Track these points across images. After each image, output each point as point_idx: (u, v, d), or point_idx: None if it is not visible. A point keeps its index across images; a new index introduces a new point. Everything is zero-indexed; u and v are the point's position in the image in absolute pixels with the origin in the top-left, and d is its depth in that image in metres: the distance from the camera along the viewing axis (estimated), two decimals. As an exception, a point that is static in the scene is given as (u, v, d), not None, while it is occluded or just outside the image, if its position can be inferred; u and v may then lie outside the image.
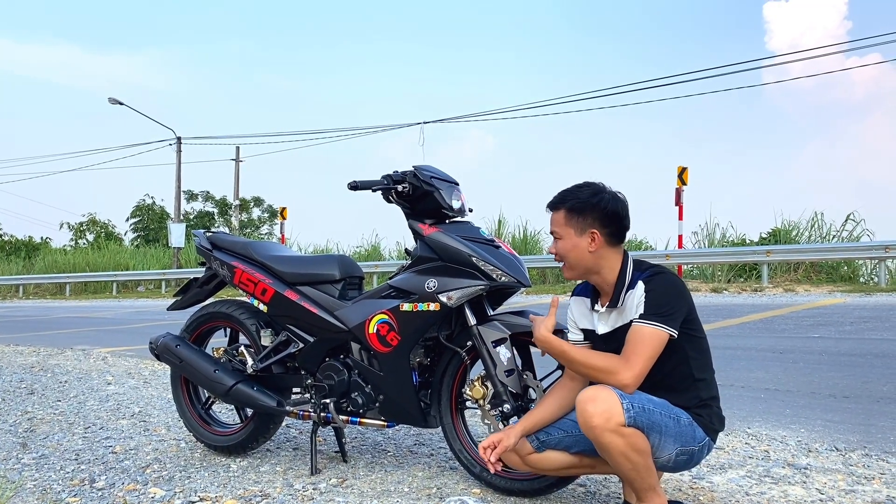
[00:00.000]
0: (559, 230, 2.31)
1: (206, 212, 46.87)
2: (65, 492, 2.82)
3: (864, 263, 14.54)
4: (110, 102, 26.48)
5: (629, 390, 2.13)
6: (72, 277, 25.70)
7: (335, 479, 2.86)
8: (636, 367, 2.13)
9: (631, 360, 2.14)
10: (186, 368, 3.22)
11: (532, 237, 19.42)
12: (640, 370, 2.13)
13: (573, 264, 2.32)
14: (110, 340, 9.20)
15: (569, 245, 2.30)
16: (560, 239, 2.31)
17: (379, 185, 2.76)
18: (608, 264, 2.29)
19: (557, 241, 2.32)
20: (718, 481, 2.81)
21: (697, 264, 15.68)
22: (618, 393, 2.10)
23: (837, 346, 6.20)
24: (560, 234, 2.31)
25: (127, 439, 3.65)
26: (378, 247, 22.43)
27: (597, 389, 2.12)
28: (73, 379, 5.71)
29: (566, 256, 2.31)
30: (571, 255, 2.30)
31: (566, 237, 2.30)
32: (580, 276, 2.34)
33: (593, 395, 2.10)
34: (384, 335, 2.74)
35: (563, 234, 2.30)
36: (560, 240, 2.31)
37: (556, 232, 2.32)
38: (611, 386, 2.13)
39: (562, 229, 2.31)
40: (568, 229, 2.29)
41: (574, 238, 2.29)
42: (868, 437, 3.47)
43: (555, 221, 2.33)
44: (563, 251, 2.31)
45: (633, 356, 2.14)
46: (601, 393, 2.10)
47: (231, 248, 3.27)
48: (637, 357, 2.13)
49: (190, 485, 2.86)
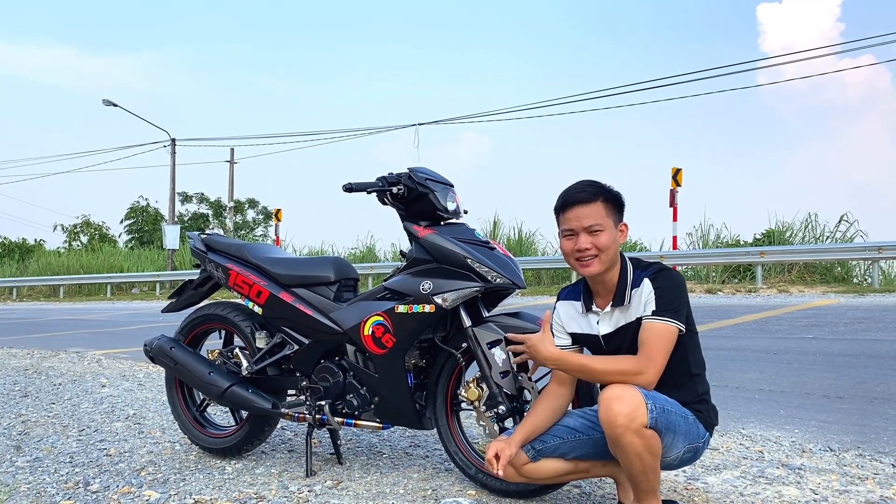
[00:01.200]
0: (601, 222, 2.22)
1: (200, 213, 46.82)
2: (59, 495, 2.81)
3: (858, 264, 14.61)
4: (104, 104, 26.45)
5: (651, 387, 2.13)
6: (66, 280, 25.63)
7: (330, 481, 2.86)
8: (657, 363, 2.13)
9: (651, 356, 2.13)
10: (181, 371, 3.22)
11: (527, 238, 19.45)
12: (661, 366, 2.14)
13: (610, 258, 2.24)
14: (105, 343, 9.17)
15: (611, 238, 2.23)
16: (602, 231, 2.22)
17: (374, 187, 2.76)
18: (618, 261, 2.29)
19: (597, 233, 2.22)
20: (713, 482, 2.82)
21: (692, 265, 15.71)
22: (643, 392, 2.08)
23: (831, 347, 6.22)
24: (602, 226, 2.22)
25: (121, 442, 3.64)
26: (373, 248, 22.44)
27: (622, 388, 2.08)
28: (67, 381, 5.69)
29: (607, 249, 2.22)
30: (612, 248, 2.24)
31: (608, 229, 2.23)
32: (606, 271, 2.26)
33: (619, 393, 2.07)
34: (379, 337, 2.74)
35: (606, 225, 2.22)
36: (602, 232, 2.22)
37: (598, 224, 2.22)
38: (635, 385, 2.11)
39: (604, 221, 2.23)
40: (609, 221, 2.23)
41: (613, 230, 2.24)
42: (862, 438, 3.48)
43: (592, 214, 2.23)
44: (606, 244, 2.22)
45: (653, 353, 2.13)
46: (627, 392, 2.07)
47: (226, 251, 3.26)
48: (657, 353, 2.13)
49: (185, 487, 2.85)
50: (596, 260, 2.24)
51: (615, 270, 2.28)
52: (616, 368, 2.16)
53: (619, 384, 2.11)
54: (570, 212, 2.26)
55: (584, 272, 2.27)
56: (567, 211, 2.27)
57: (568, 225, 2.27)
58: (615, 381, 2.15)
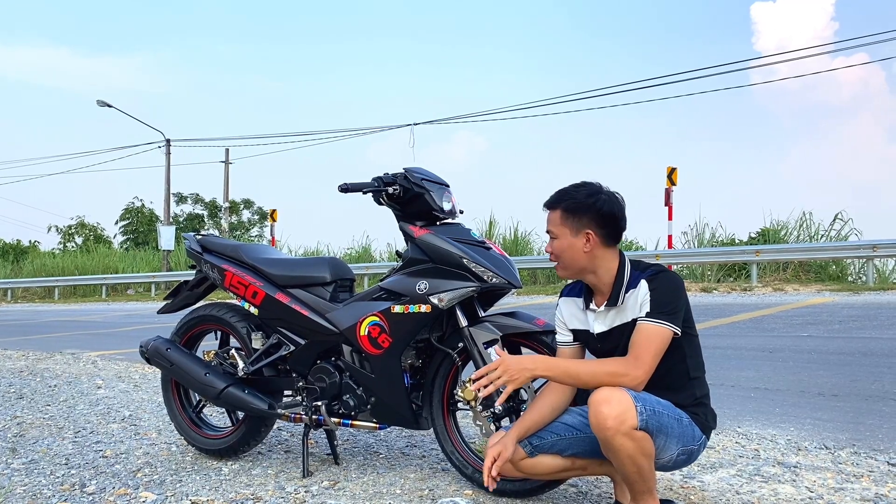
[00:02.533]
0: (555, 230, 2.31)
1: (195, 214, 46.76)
2: (55, 497, 2.81)
3: (853, 262, 14.66)
4: (99, 105, 26.37)
5: (640, 388, 2.13)
6: (61, 281, 25.58)
7: (327, 481, 2.86)
8: (645, 364, 2.13)
9: (640, 357, 2.14)
10: (177, 372, 3.21)
11: (523, 238, 19.47)
12: (649, 367, 2.14)
13: (567, 264, 2.32)
14: (100, 344, 9.15)
15: (564, 244, 2.29)
16: (556, 238, 2.31)
17: (369, 187, 2.76)
18: (604, 264, 2.29)
19: (553, 240, 2.32)
20: (709, 480, 2.83)
21: (687, 264, 15.74)
22: (631, 394, 2.09)
23: (826, 345, 6.24)
24: (556, 233, 2.31)
25: (117, 443, 3.63)
26: (369, 248, 22.44)
27: (611, 391, 2.09)
28: (62, 383, 5.68)
29: (561, 256, 2.31)
30: (566, 254, 2.30)
31: (561, 237, 2.30)
32: (574, 275, 2.34)
33: (608, 396, 2.08)
34: (375, 337, 2.74)
35: (559, 233, 2.30)
36: (556, 239, 2.31)
37: (552, 231, 2.32)
38: (623, 386, 2.12)
39: (557, 229, 2.30)
40: (563, 229, 2.29)
41: (569, 238, 2.28)
42: (857, 435, 3.50)
43: (551, 221, 2.33)
44: (559, 250, 2.31)
45: (642, 354, 2.14)
46: (616, 394, 2.08)
47: (221, 251, 3.26)
48: (645, 354, 2.14)
49: (181, 488, 2.85)
50: (557, 265, 2.35)
51: (604, 273, 2.29)
52: (602, 371, 2.17)
53: (608, 387, 2.12)
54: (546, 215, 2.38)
55: (557, 273, 2.39)
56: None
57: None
58: (602, 382, 2.15)
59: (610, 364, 2.18)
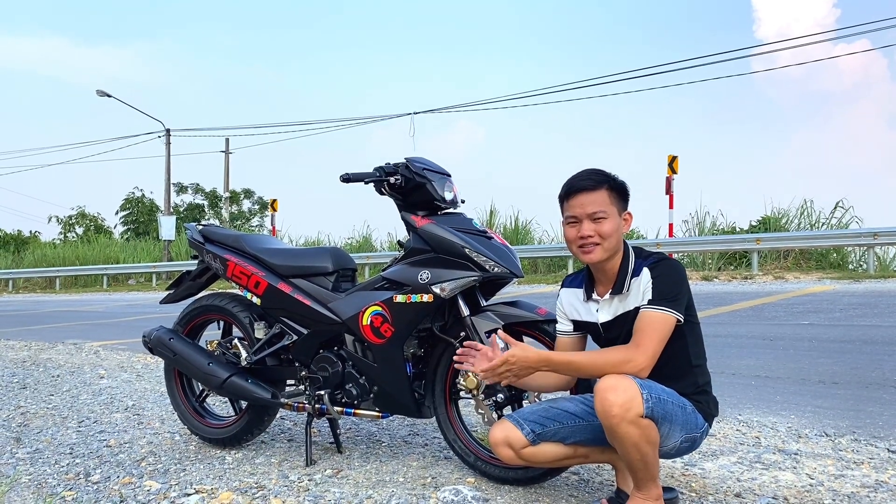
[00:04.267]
0: (605, 209, 2.23)
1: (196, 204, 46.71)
2: (60, 486, 2.82)
3: (853, 250, 14.67)
4: (98, 95, 26.33)
5: (644, 374, 2.13)
6: (62, 271, 25.61)
7: (330, 469, 2.88)
8: (648, 351, 2.13)
9: (642, 345, 2.13)
10: (180, 362, 3.22)
11: (524, 227, 19.47)
12: (653, 354, 2.13)
13: (613, 245, 2.25)
14: (102, 334, 9.17)
15: (614, 226, 2.24)
16: (605, 219, 2.23)
17: (371, 177, 2.77)
18: (621, 249, 2.30)
19: (601, 220, 2.23)
20: (710, 468, 2.84)
21: (688, 252, 15.74)
22: (637, 382, 2.08)
23: (827, 333, 6.25)
24: (606, 213, 2.23)
25: (121, 433, 3.65)
26: (369, 238, 22.45)
27: (617, 378, 2.09)
28: (65, 373, 5.70)
29: (609, 237, 2.23)
30: (615, 236, 2.24)
31: (612, 217, 2.24)
32: (607, 259, 2.27)
33: (614, 384, 2.08)
34: (378, 327, 2.75)
35: (610, 213, 2.24)
36: (605, 220, 2.23)
37: (601, 211, 2.23)
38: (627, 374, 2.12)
39: (609, 209, 2.24)
40: (613, 209, 2.24)
41: (617, 218, 2.25)
42: (857, 423, 3.51)
43: (598, 202, 2.24)
44: (609, 232, 2.23)
45: (645, 341, 2.13)
46: (622, 382, 2.08)
47: (223, 241, 3.26)
48: (649, 342, 2.13)
49: (185, 477, 2.86)
50: (598, 248, 2.24)
51: (617, 259, 2.29)
52: (604, 360, 2.17)
53: (614, 375, 2.12)
54: (574, 199, 2.27)
55: (586, 259, 2.28)
56: (571, 198, 2.28)
57: (572, 212, 2.27)
58: (606, 372, 2.14)
59: (613, 353, 2.18)
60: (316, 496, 2.57)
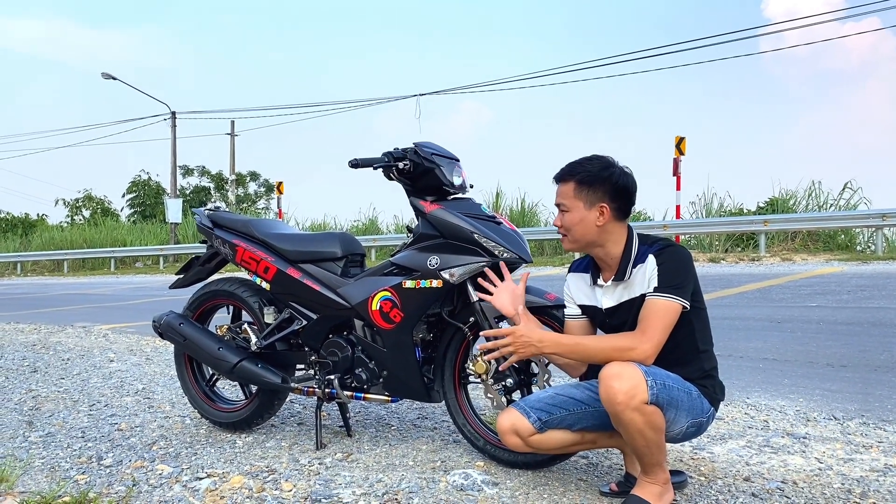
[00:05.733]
0: (567, 202, 2.28)
1: (202, 187, 46.71)
2: (73, 469, 2.85)
3: (861, 232, 14.61)
4: (104, 77, 26.27)
5: (649, 362, 2.14)
6: (69, 254, 25.69)
7: (340, 453, 2.90)
8: (654, 338, 2.13)
9: (648, 332, 2.14)
10: (191, 346, 3.24)
11: (530, 209, 19.43)
12: (658, 342, 2.14)
13: (577, 237, 2.30)
14: (110, 317, 9.22)
15: (576, 218, 2.28)
16: (567, 212, 2.29)
17: (380, 162, 2.76)
18: (613, 238, 2.29)
19: (564, 213, 2.30)
20: (718, 452, 2.85)
21: (695, 234, 15.72)
22: (642, 369, 2.09)
23: (835, 315, 6.24)
24: (568, 206, 2.28)
25: (132, 416, 3.68)
26: (375, 220, 22.45)
27: (621, 366, 2.10)
28: (75, 356, 5.74)
29: (572, 229, 2.29)
30: (577, 228, 2.28)
31: (574, 210, 2.28)
32: (582, 249, 2.33)
33: (618, 371, 2.09)
34: (387, 312, 2.75)
35: (571, 206, 2.28)
36: (567, 212, 2.29)
37: (564, 204, 2.29)
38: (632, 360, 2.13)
39: (570, 202, 2.28)
40: (577, 202, 2.27)
41: (582, 211, 2.27)
42: (866, 406, 3.51)
43: (562, 193, 2.30)
44: (570, 224, 2.29)
45: (650, 328, 2.14)
46: (626, 369, 2.09)
47: (232, 227, 3.27)
48: (654, 329, 2.14)
49: (196, 461, 2.89)
50: (565, 238, 2.34)
51: (612, 247, 2.29)
52: (610, 345, 2.18)
53: (619, 362, 2.13)
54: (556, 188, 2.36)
55: (564, 246, 2.38)
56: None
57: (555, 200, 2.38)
58: (611, 357, 2.16)
59: (618, 339, 2.19)
60: (327, 480, 2.59)
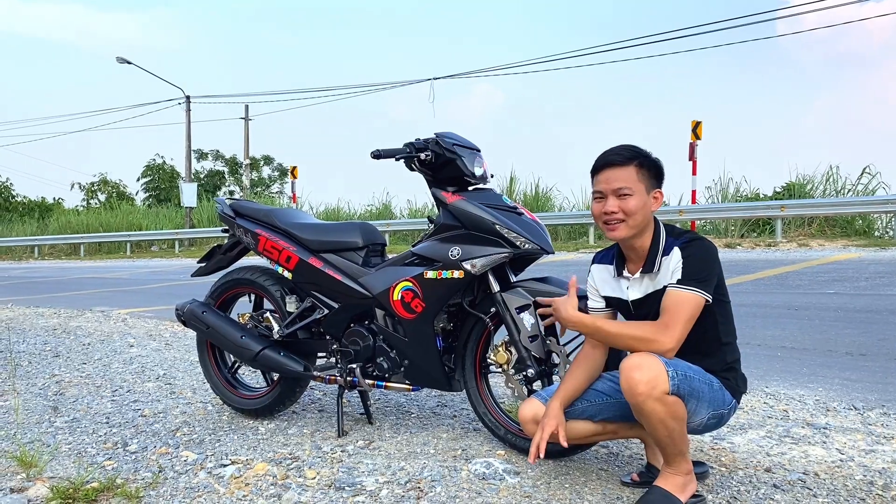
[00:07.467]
0: (631, 186, 2.22)
1: (216, 171, 46.82)
2: (99, 455, 2.90)
3: (880, 217, 14.45)
4: (118, 61, 26.33)
5: (670, 355, 2.13)
6: (86, 238, 25.89)
7: (362, 441, 2.93)
8: (676, 331, 2.13)
9: (670, 325, 2.13)
10: (213, 334, 3.27)
11: (544, 194, 19.36)
12: (680, 335, 2.13)
13: (638, 223, 2.23)
14: (128, 301, 9.31)
15: (640, 203, 2.22)
16: (630, 196, 2.21)
17: (401, 153, 2.77)
18: (650, 227, 2.28)
19: (626, 197, 2.21)
20: (739, 442, 2.86)
21: (711, 219, 15.62)
22: (663, 360, 2.10)
23: (853, 303, 6.20)
24: (632, 190, 2.21)
25: (154, 402, 3.72)
26: (389, 205, 22.45)
27: (642, 357, 2.10)
28: (95, 341, 5.80)
29: (634, 214, 2.22)
30: (640, 213, 2.22)
31: (637, 194, 2.22)
32: (633, 236, 2.26)
33: (639, 362, 2.09)
34: (409, 302, 2.77)
35: (636, 190, 2.22)
36: (630, 196, 2.21)
37: (627, 188, 2.21)
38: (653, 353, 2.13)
39: (634, 185, 2.22)
40: (640, 185, 2.22)
41: (644, 196, 2.23)
42: (886, 396, 3.50)
43: (622, 178, 2.22)
44: (634, 209, 2.21)
45: (672, 321, 2.13)
46: (647, 360, 2.09)
47: (254, 216, 3.29)
48: (676, 322, 2.13)
49: (220, 448, 2.93)
50: (622, 224, 2.23)
51: (647, 237, 2.27)
52: (631, 333, 2.18)
53: (640, 353, 2.13)
54: (602, 174, 2.26)
55: (610, 236, 2.28)
56: (600, 173, 2.27)
57: (598, 187, 2.27)
58: (630, 345, 2.17)
59: (641, 328, 2.19)
60: (349, 467, 2.62)
